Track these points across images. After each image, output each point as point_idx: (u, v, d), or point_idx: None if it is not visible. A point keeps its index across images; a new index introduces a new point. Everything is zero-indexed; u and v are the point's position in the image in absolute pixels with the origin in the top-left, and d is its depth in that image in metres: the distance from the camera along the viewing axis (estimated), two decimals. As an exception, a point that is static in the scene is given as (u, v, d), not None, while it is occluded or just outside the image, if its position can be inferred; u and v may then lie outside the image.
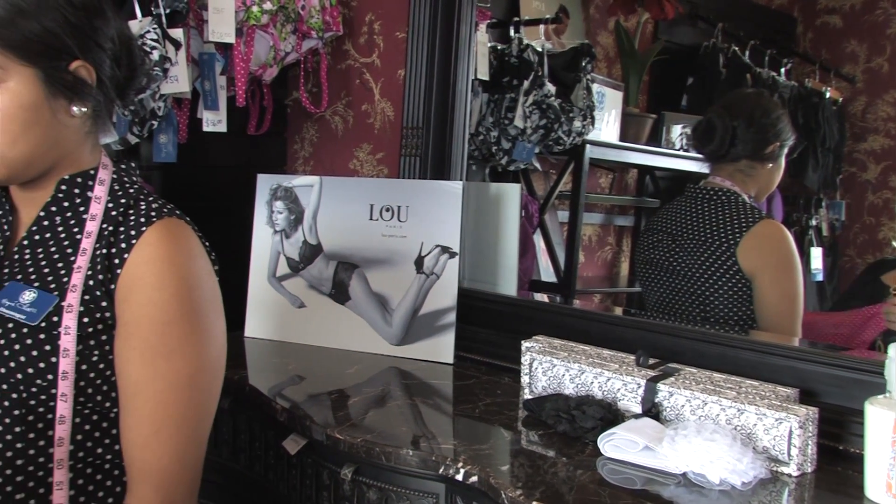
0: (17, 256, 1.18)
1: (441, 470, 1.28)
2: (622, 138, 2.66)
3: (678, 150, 2.66)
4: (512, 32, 2.33)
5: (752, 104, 1.99)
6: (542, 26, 2.37)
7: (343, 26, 2.27)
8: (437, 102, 2.03)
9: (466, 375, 1.77)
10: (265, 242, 2.05)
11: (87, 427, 1.14)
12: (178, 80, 1.94)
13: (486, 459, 1.28)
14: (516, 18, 2.39)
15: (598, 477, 1.22)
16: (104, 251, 1.14)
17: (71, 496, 1.13)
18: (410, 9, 2.04)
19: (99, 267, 1.13)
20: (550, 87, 2.31)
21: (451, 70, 2.02)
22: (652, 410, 1.37)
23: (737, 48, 2.53)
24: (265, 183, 2.07)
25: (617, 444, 1.27)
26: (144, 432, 1.11)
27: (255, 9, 2.03)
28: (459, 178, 2.03)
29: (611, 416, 1.37)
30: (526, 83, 2.28)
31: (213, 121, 2.12)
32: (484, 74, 2.19)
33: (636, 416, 1.36)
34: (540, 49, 2.32)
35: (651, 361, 1.48)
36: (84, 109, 1.17)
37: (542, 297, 2.41)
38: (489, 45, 2.23)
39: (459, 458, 1.27)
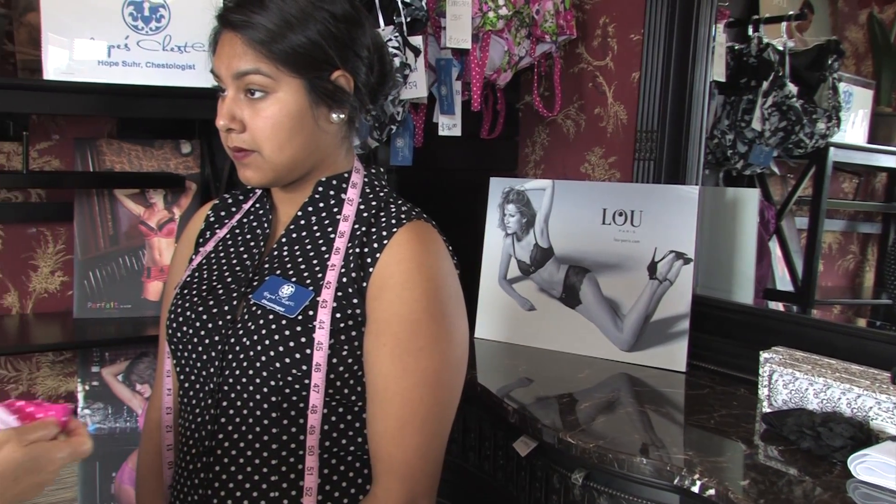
0: (276, 253, 1.26)
1: (676, 480, 1.25)
2: (871, 140, 2.49)
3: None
4: (750, 31, 2.24)
5: None
6: (783, 23, 2.26)
7: (577, 29, 2.27)
8: (673, 105, 1.98)
9: (699, 385, 1.72)
10: (496, 245, 2.08)
11: (334, 418, 1.19)
12: (417, 86, 2.01)
13: (724, 472, 1.24)
14: (755, 16, 2.30)
15: (849, 500, 1.15)
16: (356, 250, 1.19)
17: (317, 482, 1.19)
18: (646, 10, 2.01)
19: (352, 265, 1.18)
20: (792, 88, 2.20)
21: (688, 72, 1.97)
22: (910, 433, 1.28)
23: None
24: (498, 186, 2.10)
25: (871, 467, 1.19)
26: (391, 426, 1.15)
27: (491, 15, 2.08)
28: (695, 183, 1.97)
29: (862, 435, 1.29)
30: (765, 84, 2.19)
31: (449, 125, 2.18)
32: (720, 76, 2.12)
33: (893, 439, 1.27)
34: (781, 48, 2.22)
35: (908, 380, 1.38)
36: (342, 116, 1.23)
37: (778, 307, 2.30)
38: (726, 45, 2.16)
39: (695, 470, 1.24)
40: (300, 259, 1.23)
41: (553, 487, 1.47)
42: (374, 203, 1.25)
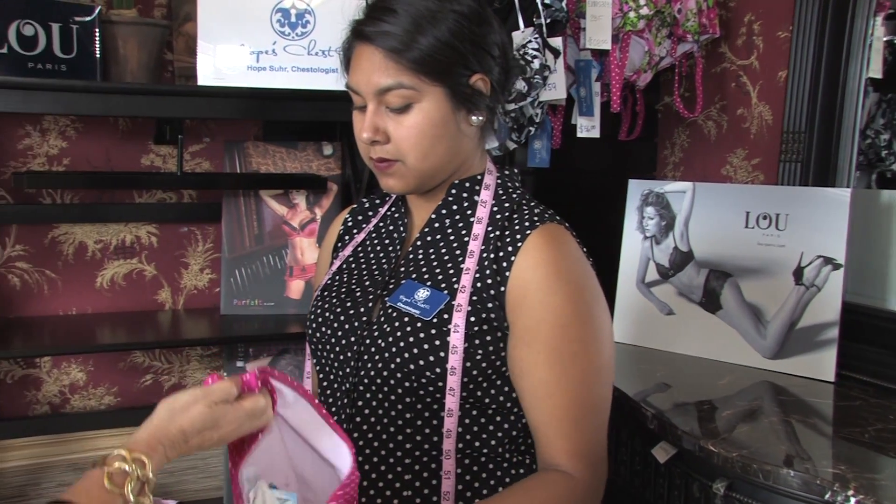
0: (411, 256, 1.27)
1: (826, 495, 1.20)
2: None
3: None
4: (913, 23, 2.13)
5: None
6: (950, 15, 2.13)
7: (720, 28, 2.21)
8: (823, 105, 1.90)
9: (850, 396, 1.64)
10: (635, 248, 2.05)
11: (467, 421, 1.19)
12: (556, 88, 2.00)
13: (881, 490, 1.17)
14: (919, 7, 2.18)
15: None
16: (491, 255, 1.19)
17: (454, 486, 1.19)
18: (796, 6, 1.93)
19: (487, 271, 1.18)
20: (958, 84, 2.08)
21: (840, 69, 1.88)
22: None
23: None
24: (636, 188, 2.07)
25: None
26: (567, 427, 1.16)
27: (631, 15, 2.05)
28: (846, 185, 1.89)
29: None
30: (927, 80, 2.07)
31: (587, 126, 2.16)
32: (877, 72, 2.01)
33: None
34: (947, 40, 2.10)
35: None
36: (482, 118, 1.23)
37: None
38: (884, 38, 2.05)
39: (849, 486, 1.18)
40: (435, 262, 1.24)
41: (693, 496, 1.43)
42: (506, 205, 1.25)
